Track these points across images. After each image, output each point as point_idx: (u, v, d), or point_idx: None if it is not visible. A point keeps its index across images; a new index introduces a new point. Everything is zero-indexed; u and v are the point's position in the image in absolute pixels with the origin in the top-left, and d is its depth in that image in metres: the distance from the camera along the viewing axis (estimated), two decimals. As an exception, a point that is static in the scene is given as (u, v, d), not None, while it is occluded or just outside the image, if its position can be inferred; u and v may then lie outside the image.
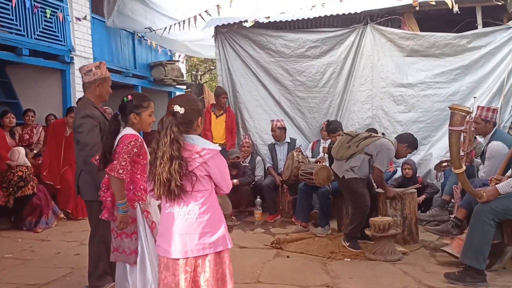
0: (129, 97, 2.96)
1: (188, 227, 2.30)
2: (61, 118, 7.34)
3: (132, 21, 9.08)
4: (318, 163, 6.15)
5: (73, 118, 6.04)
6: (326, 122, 6.59)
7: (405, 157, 5.28)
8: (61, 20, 7.96)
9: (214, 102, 7.62)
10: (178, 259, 2.30)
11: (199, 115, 2.41)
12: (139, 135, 2.97)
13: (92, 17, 8.94)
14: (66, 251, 4.97)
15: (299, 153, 6.17)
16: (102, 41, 9.39)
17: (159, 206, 2.66)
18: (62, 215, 6.36)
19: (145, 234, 2.94)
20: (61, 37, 8.05)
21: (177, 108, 2.31)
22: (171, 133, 2.25)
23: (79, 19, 8.34)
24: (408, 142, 4.96)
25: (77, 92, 8.06)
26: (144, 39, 10.74)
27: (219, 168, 2.35)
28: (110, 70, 9.20)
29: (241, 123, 7.49)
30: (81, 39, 8.53)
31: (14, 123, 6.87)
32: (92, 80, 3.56)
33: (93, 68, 3.57)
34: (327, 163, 6.09)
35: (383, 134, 5.47)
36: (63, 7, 8.09)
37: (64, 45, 8.10)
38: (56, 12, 7.88)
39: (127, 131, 2.94)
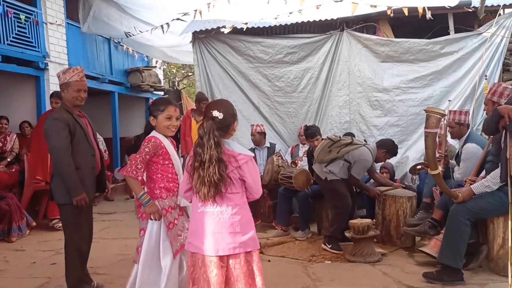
0: (151, 101, 3.09)
1: (220, 226, 2.43)
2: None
3: (108, 27, 9.00)
4: (294, 164, 6.24)
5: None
6: (304, 127, 6.64)
7: (384, 161, 5.38)
8: (35, 26, 7.84)
9: (193, 108, 7.58)
10: (211, 256, 2.42)
11: (235, 119, 2.56)
12: (158, 136, 3.05)
13: (67, 23, 8.83)
14: (41, 261, 4.86)
15: (279, 157, 6.19)
16: (78, 47, 9.27)
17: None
18: (34, 224, 6.21)
19: (153, 232, 3.03)
20: (35, 43, 7.92)
21: (215, 113, 2.45)
22: (214, 137, 2.39)
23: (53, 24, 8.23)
24: (387, 148, 5.11)
25: (52, 98, 7.92)
26: (121, 45, 10.65)
27: (251, 173, 2.49)
28: (86, 76, 9.08)
29: (220, 129, 7.46)
30: (56, 45, 8.41)
31: (-13, 130, 6.72)
32: (60, 85, 3.64)
33: (61, 74, 3.63)
34: (305, 165, 6.15)
35: (365, 141, 5.58)
36: (37, 12, 7.97)
37: (38, 51, 7.97)
38: (30, 18, 7.76)
39: (152, 133, 3.09)
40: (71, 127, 3.49)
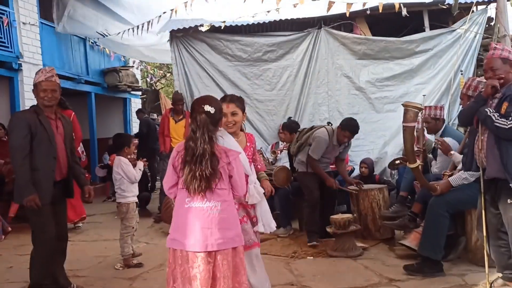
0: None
1: (210, 222, 2.41)
2: None
3: (84, 27, 8.86)
4: (274, 154, 6.47)
5: None
6: (282, 125, 6.61)
7: (345, 142, 5.27)
8: (5, 26, 7.65)
9: (172, 107, 7.53)
10: (198, 252, 2.39)
11: (222, 115, 2.62)
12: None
13: (41, 22, 8.65)
14: (18, 265, 4.73)
15: (260, 155, 6.20)
16: (52, 47, 9.11)
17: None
18: (10, 229, 6.07)
19: None
20: (8, 43, 7.75)
21: (208, 107, 2.46)
22: (208, 131, 2.41)
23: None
24: (342, 124, 5.16)
25: (26, 100, 7.77)
26: (97, 45, 10.49)
27: (238, 170, 2.51)
28: (61, 77, 8.93)
29: (199, 128, 7.42)
30: (30, 45, 8.23)
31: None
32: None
33: (35, 74, 3.65)
34: (285, 162, 6.19)
35: (328, 123, 5.64)
36: (9, 12, 7.79)
37: (11, 52, 7.80)
38: (1, 18, 7.57)
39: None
40: (32, 128, 3.45)
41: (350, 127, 5.13)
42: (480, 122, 3.26)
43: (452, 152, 4.34)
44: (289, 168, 6.00)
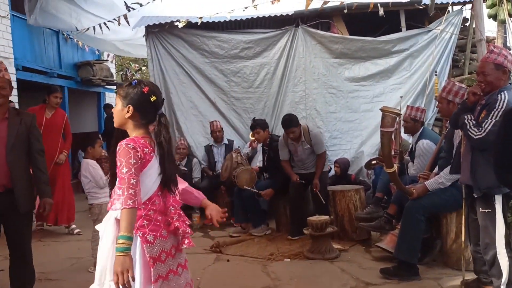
0: None
1: None
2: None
3: (56, 20, 8.57)
4: (250, 146, 6.65)
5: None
6: (251, 126, 6.44)
7: (292, 138, 5.51)
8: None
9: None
10: None
11: None
12: None
13: (12, 14, 8.35)
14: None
15: (238, 154, 6.17)
16: (24, 40, 8.81)
17: None
18: None
19: None
20: (-23, 36, 7.45)
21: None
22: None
23: None
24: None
25: (-4, 94, 7.49)
26: (70, 38, 10.21)
27: None
28: (33, 70, 8.63)
29: (176, 125, 7.32)
30: (0, 38, 7.94)
31: None
32: None
33: None
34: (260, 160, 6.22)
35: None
36: (-23, 3, 7.50)
37: (-20, 44, 7.51)
38: (-31, 9, 7.28)
39: None
40: None
41: (282, 123, 5.57)
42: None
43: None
44: (263, 164, 6.05)
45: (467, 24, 7.05)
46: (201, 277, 4.15)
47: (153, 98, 2.15)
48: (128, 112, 2.15)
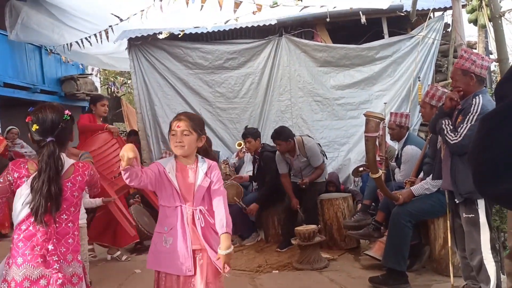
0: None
1: None
2: None
3: (38, 35, 8.47)
4: (237, 156, 6.65)
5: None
6: (243, 134, 6.39)
7: (285, 151, 5.43)
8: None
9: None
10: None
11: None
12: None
13: (-8, 30, 8.26)
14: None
15: (226, 165, 6.12)
16: (5, 56, 8.71)
17: None
18: None
19: None
20: (-44, 52, 7.34)
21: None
22: None
23: None
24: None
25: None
26: (53, 53, 10.11)
27: None
28: (15, 86, 8.53)
29: (161, 137, 7.25)
30: (-20, 54, 7.85)
31: None
32: None
33: None
34: (249, 171, 6.13)
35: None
36: (-44, 19, 7.39)
37: (-40, 61, 7.40)
38: None
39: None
40: None
41: (272, 136, 5.47)
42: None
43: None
44: (253, 173, 5.97)
45: (449, 29, 7.10)
46: (188, 292, 4.05)
47: (34, 127, 2.17)
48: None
